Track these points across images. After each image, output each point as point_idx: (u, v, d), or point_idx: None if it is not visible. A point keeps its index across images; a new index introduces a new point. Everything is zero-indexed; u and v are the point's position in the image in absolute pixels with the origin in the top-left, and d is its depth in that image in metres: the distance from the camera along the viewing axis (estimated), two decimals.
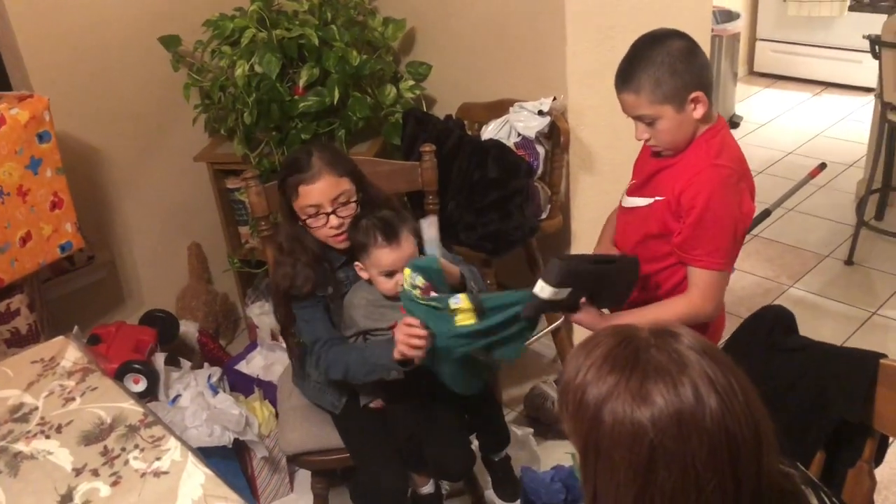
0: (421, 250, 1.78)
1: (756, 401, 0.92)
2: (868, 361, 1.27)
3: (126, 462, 1.50)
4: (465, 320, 1.59)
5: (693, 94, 1.59)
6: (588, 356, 0.94)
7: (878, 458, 1.35)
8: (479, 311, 1.58)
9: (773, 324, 1.41)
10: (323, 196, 1.75)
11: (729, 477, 0.88)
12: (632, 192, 1.84)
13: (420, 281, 1.58)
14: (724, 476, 0.87)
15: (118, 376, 2.25)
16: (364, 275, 1.79)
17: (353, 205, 1.79)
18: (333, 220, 1.77)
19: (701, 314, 1.64)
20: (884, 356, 1.28)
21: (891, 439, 1.38)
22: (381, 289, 1.77)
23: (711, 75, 1.65)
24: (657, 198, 1.73)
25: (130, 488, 1.44)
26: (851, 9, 4.87)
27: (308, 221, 1.78)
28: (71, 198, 2.31)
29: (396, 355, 1.62)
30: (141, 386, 2.30)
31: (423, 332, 1.58)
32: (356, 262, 1.79)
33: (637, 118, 1.65)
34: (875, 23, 3.11)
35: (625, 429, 0.88)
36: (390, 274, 1.74)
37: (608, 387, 0.90)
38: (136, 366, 2.30)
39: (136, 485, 1.44)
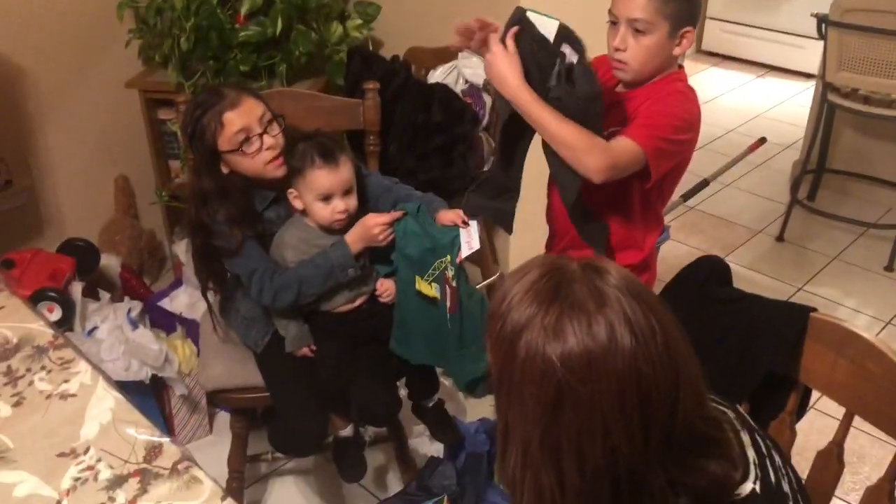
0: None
1: (679, 346, 0.89)
2: (799, 314, 1.28)
3: (31, 383, 1.42)
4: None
5: (686, 28, 1.55)
6: (515, 284, 0.91)
7: (801, 412, 1.36)
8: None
9: (707, 274, 1.41)
10: (251, 116, 1.66)
11: (637, 421, 0.85)
12: None
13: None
14: (631, 420, 0.85)
15: (32, 303, 2.13)
16: (298, 203, 1.72)
17: (280, 131, 1.70)
18: (268, 140, 1.67)
19: (592, 154, 1.45)
20: (814, 310, 1.28)
21: (810, 405, 1.39)
22: (317, 217, 1.71)
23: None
24: (612, 129, 1.66)
25: (34, 409, 1.36)
26: None
27: (243, 149, 1.68)
28: None
29: (362, 243, 1.70)
30: (55, 315, 2.19)
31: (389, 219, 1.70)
32: (290, 190, 1.72)
33: (630, 21, 1.53)
34: (823, 4, 3.14)
35: (535, 364, 0.86)
36: (327, 198, 1.68)
37: (526, 318, 0.87)
38: (51, 293, 2.19)
39: (40, 406, 1.37)
